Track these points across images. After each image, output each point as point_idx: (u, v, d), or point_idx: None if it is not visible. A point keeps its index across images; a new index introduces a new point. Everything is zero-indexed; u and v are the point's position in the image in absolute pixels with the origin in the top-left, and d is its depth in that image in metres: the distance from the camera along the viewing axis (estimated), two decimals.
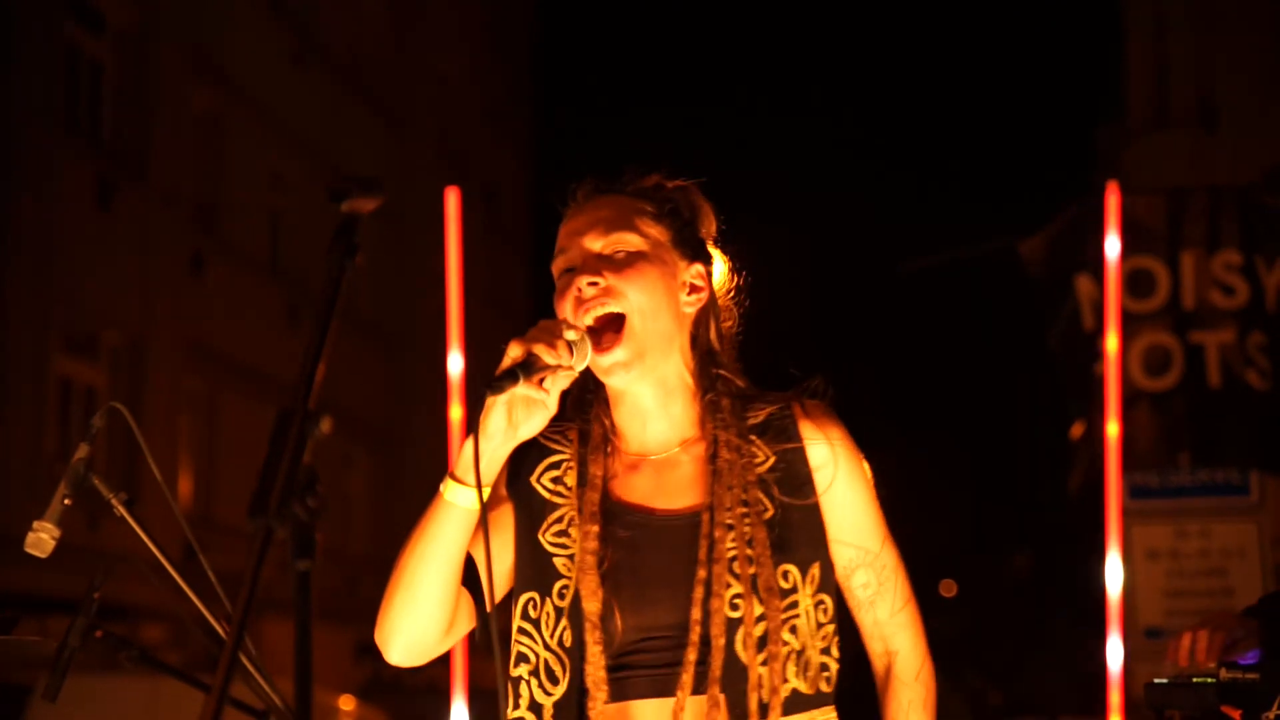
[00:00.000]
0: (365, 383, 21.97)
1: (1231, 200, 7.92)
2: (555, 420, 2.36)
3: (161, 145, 17.65)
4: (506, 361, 2.27)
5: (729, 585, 2.34)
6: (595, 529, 2.39)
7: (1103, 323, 6.36)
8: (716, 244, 2.59)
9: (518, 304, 29.24)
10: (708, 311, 2.51)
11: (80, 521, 2.91)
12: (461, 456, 2.30)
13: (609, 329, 2.40)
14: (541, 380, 2.29)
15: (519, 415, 2.30)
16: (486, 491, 2.29)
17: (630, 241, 2.45)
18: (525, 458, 2.47)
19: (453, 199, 5.03)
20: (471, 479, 2.28)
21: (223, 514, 18.11)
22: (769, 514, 2.39)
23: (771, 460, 2.43)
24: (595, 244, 2.45)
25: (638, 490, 2.45)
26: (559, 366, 2.29)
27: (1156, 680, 3.39)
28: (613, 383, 2.45)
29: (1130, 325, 7.66)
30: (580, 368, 2.35)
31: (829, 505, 2.44)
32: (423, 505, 2.40)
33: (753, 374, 2.55)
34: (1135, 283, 7.84)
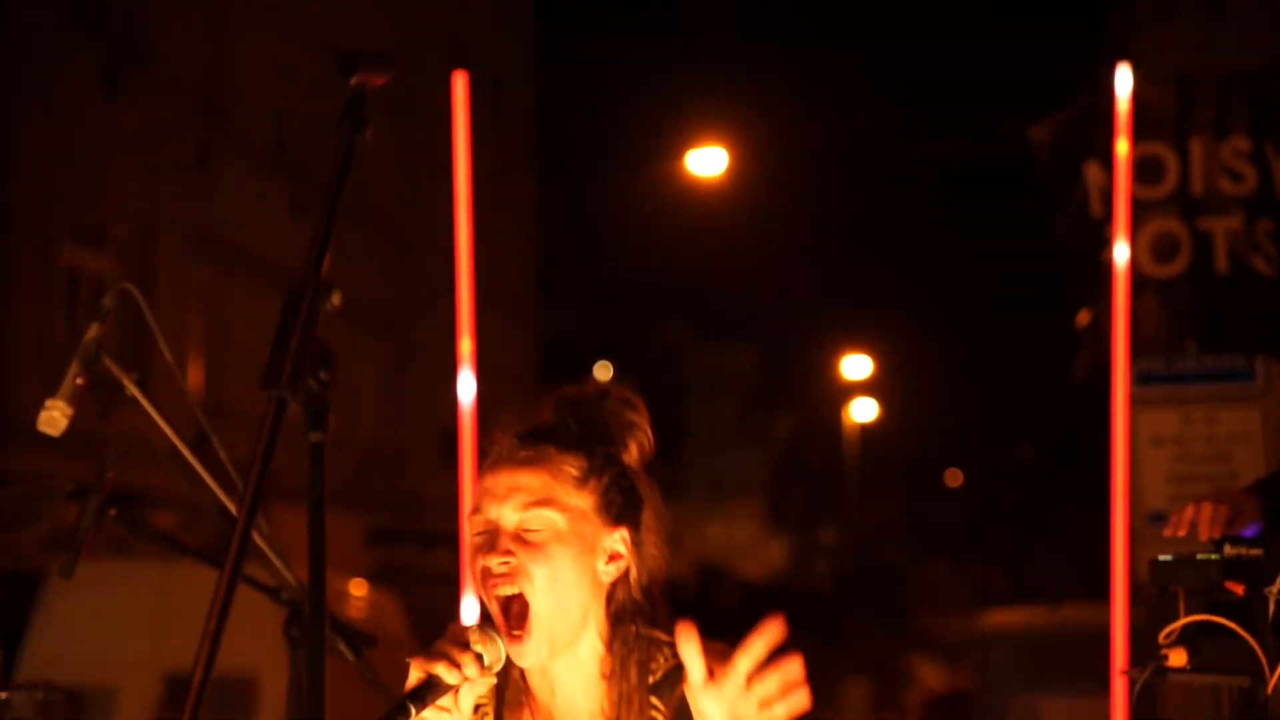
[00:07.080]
0: (371, 271, 21.95)
1: (1241, 86, 7.87)
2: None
3: (166, 35, 17.52)
4: (410, 682, 2.25)
5: None
6: None
7: (1112, 211, 6.35)
8: (649, 467, 2.47)
9: (523, 192, 29.14)
10: (628, 573, 2.41)
11: (91, 409, 2.92)
12: None
13: (517, 604, 2.33)
14: (444, 694, 2.26)
15: None
16: None
17: (548, 519, 2.34)
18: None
19: (460, 84, 4.99)
20: None
21: (232, 402, 18.16)
22: None
23: (666, 717, 2.36)
24: (511, 518, 2.34)
25: None
26: (460, 684, 2.27)
27: (1161, 557, 3.41)
28: (523, 665, 2.39)
29: (1138, 212, 7.64)
30: (497, 668, 2.32)
31: None
32: (430, 393, 2.39)
33: (766, 283, 2.45)
34: (1143, 169, 7.81)
